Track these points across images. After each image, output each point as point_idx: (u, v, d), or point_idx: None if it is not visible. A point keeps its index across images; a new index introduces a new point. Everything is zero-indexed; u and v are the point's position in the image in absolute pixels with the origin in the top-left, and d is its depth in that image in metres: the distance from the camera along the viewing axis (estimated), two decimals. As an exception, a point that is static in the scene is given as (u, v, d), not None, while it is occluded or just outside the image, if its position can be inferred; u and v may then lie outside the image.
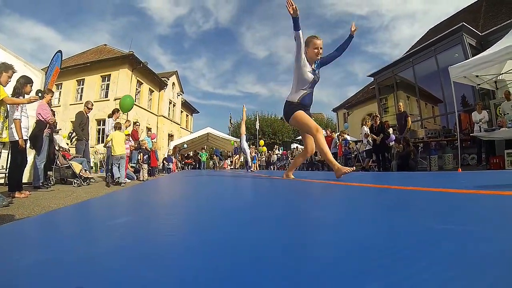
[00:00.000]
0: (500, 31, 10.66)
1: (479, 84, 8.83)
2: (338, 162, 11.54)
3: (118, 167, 7.20)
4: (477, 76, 8.13)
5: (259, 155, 22.60)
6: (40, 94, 4.47)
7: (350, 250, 0.58)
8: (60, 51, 8.63)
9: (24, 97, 4.37)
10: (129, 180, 8.47)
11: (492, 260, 0.49)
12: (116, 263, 0.55)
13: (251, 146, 25.05)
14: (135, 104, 22.50)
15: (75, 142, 7.89)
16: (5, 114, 3.84)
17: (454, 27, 11.82)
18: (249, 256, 0.55)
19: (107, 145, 7.58)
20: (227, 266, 0.50)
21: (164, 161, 17.53)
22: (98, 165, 16.34)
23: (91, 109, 8.07)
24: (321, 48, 3.75)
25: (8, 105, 3.95)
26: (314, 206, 1.47)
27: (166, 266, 0.51)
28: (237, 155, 17.78)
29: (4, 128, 3.78)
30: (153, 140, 11.66)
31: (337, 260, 0.51)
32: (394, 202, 1.45)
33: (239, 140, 11.81)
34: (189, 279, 0.44)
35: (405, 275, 0.42)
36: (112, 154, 7.11)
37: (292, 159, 20.52)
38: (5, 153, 4.88)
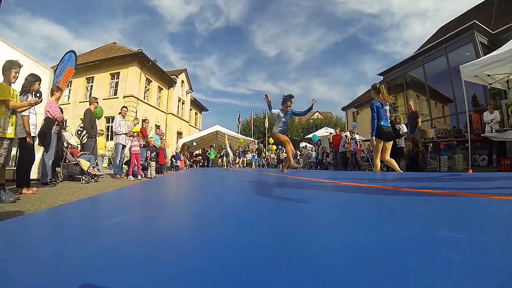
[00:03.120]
0: (513, 29, 10.46)
1: (490, 84, 8.66)
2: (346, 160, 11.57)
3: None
4: (488, 75, 7.96)
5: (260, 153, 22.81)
6: (38, 94, 4.49)
7: (347, 258, 0.56)
8: (73, 51, 8.65)
9: (32, 94, 4.42)
10: (139, 178, 8.55)
11: (497, 273, 0.47)
12: (114, 261, 0.54)
13: (260, 143, 25.13)
14: (144, 102, 22.79)
15: (86, 139, 7.99)
16: (11, 111, 3.86)
17: (466, 25, 11.60)
18: (244, 258, 0.54)
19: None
20: (221, 267, 0.48)
21: (172, 158, 17.63)
22: (107, 162, 16.52)
23: (97, 103, 8.24)
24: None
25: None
26: (313, 207, 1.45)
27: (165, 265, 0.50)
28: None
29: (10, 124, 3.80)
30: (162, 138, 11.71)
31: (333, 267, 0.50)
32: (397, 205, 1.43)
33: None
34: (185, 278, 0.44)
35: (403, 286, 0.41)
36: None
37: (301, 157, 20.54)
38: (13, 149, 4.94)
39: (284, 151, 23.76)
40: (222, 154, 23.73)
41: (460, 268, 0.49)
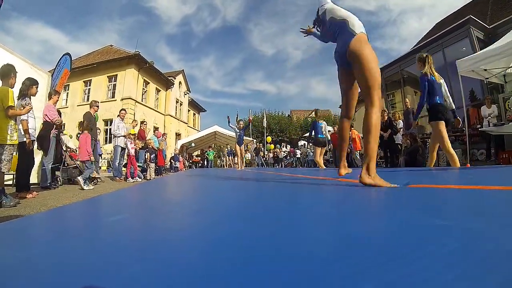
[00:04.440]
0: (508, 23, 10.50)
1: (487, 78, 8.69)
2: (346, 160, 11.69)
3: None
4: (485, 69, 7.97)
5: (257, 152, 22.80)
6: (25, 101, 4.49)
7: (344, 248, 0.57)
8: (68, 54, 8.67)
9: (30, 98, 4.42)
10: (139, 179, 8.56)
11: (496, 259, 0.47)
12: (114, 261, 0.55)
13: (258, 143, 25.09)
14: (142, 104, 22.76)
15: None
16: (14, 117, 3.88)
17: (461, 20, 11.64)
18: (240, 256, 0.55)
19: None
20: (221, 267, 0.49)
21: (172, 160, 17.62)
22: (106, 165, 16.52)
23: (98, 107, 8.16)
24: None
25: (16, 106, 4.00)
26: (308, 203, 1.46)
27: (166, 265, 0.51)
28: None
29: (15, 130, 3.83)
30: (159, 139, 11.69)
31: (330, 258, 0.51)
32: (393, 199, 1.44)
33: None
34: (185, 278, 0.44)
35: (401, 274, 0.41)
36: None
37: (304, 155, 20.54)
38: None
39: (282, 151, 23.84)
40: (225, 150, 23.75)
41: (454, 253, 0.50)
